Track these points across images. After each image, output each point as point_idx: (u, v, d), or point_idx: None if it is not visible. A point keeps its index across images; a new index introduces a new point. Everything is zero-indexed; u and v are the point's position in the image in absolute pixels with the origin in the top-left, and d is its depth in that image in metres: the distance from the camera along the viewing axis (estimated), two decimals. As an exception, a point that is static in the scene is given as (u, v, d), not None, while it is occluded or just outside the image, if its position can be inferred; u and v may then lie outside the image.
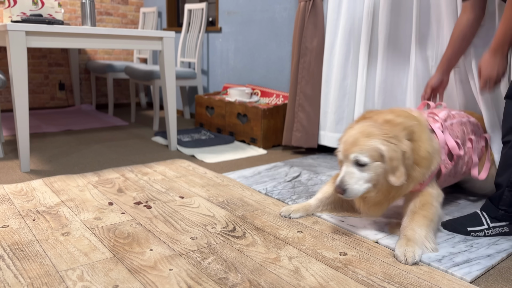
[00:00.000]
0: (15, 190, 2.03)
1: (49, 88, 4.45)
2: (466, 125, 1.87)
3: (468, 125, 1.88)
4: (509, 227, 1.64)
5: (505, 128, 1.62)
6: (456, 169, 1.79)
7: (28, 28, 2.25)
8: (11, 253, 1.41)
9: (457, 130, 1.79)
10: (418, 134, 1.54)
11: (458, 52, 1.95)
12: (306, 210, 1.80)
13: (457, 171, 1.81)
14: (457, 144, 1.73)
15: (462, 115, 1.91)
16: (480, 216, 1.66)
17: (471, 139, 1.84)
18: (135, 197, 1.98)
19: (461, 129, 1.82)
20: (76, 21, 4.51)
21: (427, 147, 1.53)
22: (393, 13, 2.36)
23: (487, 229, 1.63)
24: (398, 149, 1.46)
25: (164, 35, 2.71)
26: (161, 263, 1.38)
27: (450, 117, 1.83)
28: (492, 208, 1.65)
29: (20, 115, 2.29)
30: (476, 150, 1.86)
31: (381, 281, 1.30)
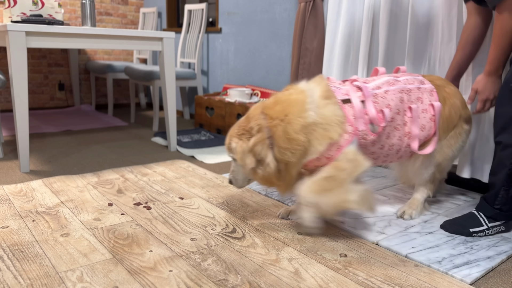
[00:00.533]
0: (15, 190, 2.03)
1: (48, 88, 4.45)
2: (411, 92, 1.71)
3: (413, 92, 1.71)
4: (505, 225, 1.67)
5: (496, 128, 1.62)
6: (390, 141, 1.67)
7: (28, 29, 2.24)
8: (11, 254, 1.41)
9: (391, 98, 1.65)
10: (289, 117, 1.51)
11: (468, 57, 1.92)
12: None
13: (393, 144, 1.68)
14: (382, 113, 1.61)
15: (411, 81, 1.75)
16: (478, 216, 1.67)
17: (411, 108, 1.68)
18: (134, 198, 1.98)
19: (399, 96, 1.67)
20: (76, 21, 4.51)
21: (294, 129, 1.50)
22: (393, 14, 2.36)
23: (487, 229, 1.64)
24: (245, 144, 1.56)
25: (164, 36, 2.71)
26: (160, 264, 1.37)
27: (389, 83, 1.70)
28: (487, 207, 1.66)
29: (19, 116, 2.29)
30: (417, 120, 1.68)
31: (381, 283, 1.30)
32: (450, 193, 2.15)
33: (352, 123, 1.57)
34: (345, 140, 1.54)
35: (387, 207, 1.92)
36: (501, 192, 1.61)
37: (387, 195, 2.10)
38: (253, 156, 1.54)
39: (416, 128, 1.68)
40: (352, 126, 1.56)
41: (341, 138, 1.53)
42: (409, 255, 1.48)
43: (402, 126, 1.68)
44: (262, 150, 1.53)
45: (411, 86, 1.73)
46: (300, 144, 1.51)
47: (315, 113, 1.52)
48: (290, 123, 1.51)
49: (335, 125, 1.53)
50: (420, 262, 1.44)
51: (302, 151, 1.52)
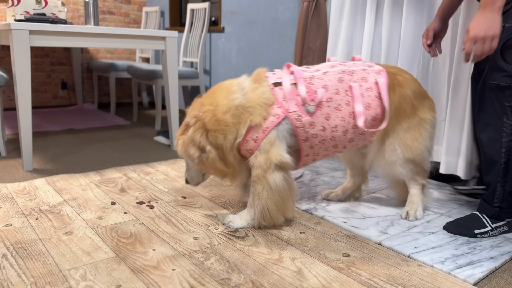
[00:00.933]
0: (18, 189, 2.03)
1: (51, 87, 4.45)
2: (354, 73, 1.68)
3: (357, 73, 1.68)
4: (509, 225, 1.67)
5: (480, 125, 1.62)
6: (332, 122, 1.64)
7: (31, 27, 2.25)
8: (14, 252, 1.42)
9: (328, 79, 1.64)
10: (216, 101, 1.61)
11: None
12: None
13: (336, 125, 1.64)
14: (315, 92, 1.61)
15: (359, 64, 1.73)
16: (480, 217, 1.66)
17: (350, 86, 1.65)
18: (137, 196, 1.98)
19: (338, 77, 1.65)
20: (79, 20, 4.51)
21: (221, 110, 1.59)
22: (396, 13, 2.36)
23: (491, 230, 1.64)
24: (185, 137, 1.64)
25: (167, 35, 2.71)
26: (164, 263, 1.38)
27: (331, 66, 1.70)
28: (487, 207, 1.66)
29: (23, 114, 2.29)
30: (359, 98, 1.64)
31: (384, 283, 1.30)
32: (453, 193, 2.15)
33: (281, 105, 1.59)
34: (272, 122, 1.58)
35: (389, 207, 1.92)
36: (498, 189, 1.61)
37: (389, 195, 2.10)
38: (194, 145, 1.62)
39: (359, 106, 1.64)
40: (282, 108, 1.59)
41: (265, 120, 1.58)
42: (412, 255, 1.48)
43: (345, 106, 1.65)
44: (201, 137, 1.61)
45: (356, 68, 1.70)
46: (228, 125, 1.58)
47: (241, 96, 1.60)
48: (217, 106, 1.60)
49: (260, 108, 1.58)
50: (423, 262, 1.44)
51: (232, 132, 1.59)
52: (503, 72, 1.50)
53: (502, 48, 1.50)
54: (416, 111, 1.71)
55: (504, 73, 1.50)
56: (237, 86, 1.63)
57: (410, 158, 1.71)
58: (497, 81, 1.52)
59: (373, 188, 2.19)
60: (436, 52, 1.92)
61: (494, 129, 1.56)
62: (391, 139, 1.71)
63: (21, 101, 2.28)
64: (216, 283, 1.27)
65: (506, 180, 1.59)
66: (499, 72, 1.51)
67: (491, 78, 1.54)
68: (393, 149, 1.72)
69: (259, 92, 1.60)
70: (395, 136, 1.71)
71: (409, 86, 1.71)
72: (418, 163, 1.74)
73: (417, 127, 1.71)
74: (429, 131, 1.73)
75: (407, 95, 1.70)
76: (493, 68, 1.53)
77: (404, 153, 1.71)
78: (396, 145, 1.71)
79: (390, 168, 1.75)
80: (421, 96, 1.73)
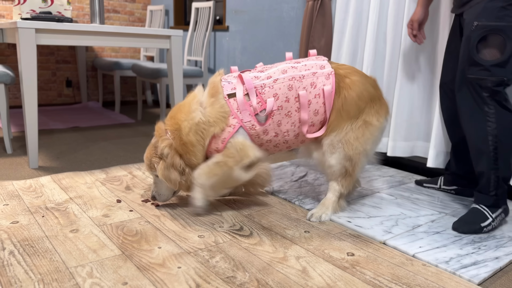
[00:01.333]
0: (24, 186, 2.05)
1: (56, 85, 4.47)
2: (304, 78, 1.71)
3: (306, 78, 1.71)
4: (505, 212, 1.74)
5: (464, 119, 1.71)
6: (284, 127, 1.72)
7: (38, 26, 2.26)
8: (21, 249, 1.43)
9: (278, 87, 1.69)
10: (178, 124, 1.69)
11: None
12: None
13: (287, 130, 1.73)
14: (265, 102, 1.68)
15: (310, 66, 1.75)
16: (481, 210, 1.71)
17: (299, 94, 1.70)
18: (143, 195, 1.99)
19: (287, 84, 1.69)
20: (84, 19, 4.53)
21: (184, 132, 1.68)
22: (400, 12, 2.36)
23: (493, 221, 1.69)
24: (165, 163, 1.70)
25: (172, 34, 2.72)
26: (169, 260, 1.39)
27: (282, 71, 1.73)
28: (485, 197, 1.71)
29: (29, 112, 2.31)
30: (305, 106, 1.70)
31: (388, 282, 1.31)
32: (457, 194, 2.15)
33: (236, 116, 1.69)
34: (228, 132, 1.69)
35: (394, 207, 1.93)
36: (492, 177, 1.68)
37: (394, 194, 2.10)
38: (175, 169, 1.69)
39: (304, 114, 1.71)
40: (237, 118, 1.68)
41: (223, 131, 1.68)
42: (417, 254, 1.48)
43: (294, 113, 1.72)
44: (180, 161, 1.70)
45: (306, 72, 1.73)
46: (194, 144, 1.68)
47: (201, 113, 1.69)
48: (181, 129, 1.68)
49: (219, 121, 1.68)
50: (428, 262, 1.44)
51: (200, 150, 1.70)
52: (480, 66, 1.63)
53: (477, 45, 1.63)
54: (362, 113, 1.73)
55: (481, 67, 1.63)
56: (196, 104, 1.72)
57: (349, 155, 1.73)
58: (475, 74, 1.64)
59: (377, 188, 2.19)
60: (422, 40, 2.10)
61: (478, 120, 1.66)
62: (334, 136, 1.74)
63: (27, 99, 2.29)
64: (222, 281, 1.28)
65: (497, 167, 1.66)
66: (476, 67, 1.64)
67: (468, 73, 1.66)
68: (333, 144, 1.73)
69: (217, 106, 1.70)
70: (339, 133, 1.73)
71: (356, 88, 1.73)
72: (353, 163, 1.74)
73: (361, 128, 1.73)
74: (372, 134, 1.75)
75: (352, 97, 1.72)
76: (470, 63, 1.65)
77: (345, 148, 1.72)
78: (338, 140, 1.73)
79: (323, 158, 1.77)
80: (370, 98, 1.74)
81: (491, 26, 1.59)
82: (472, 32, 1.64)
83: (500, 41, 1.59)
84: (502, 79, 1.60)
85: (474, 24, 1.63)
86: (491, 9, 1.60)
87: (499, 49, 1.60)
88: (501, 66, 1.60)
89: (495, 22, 1.59)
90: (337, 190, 1.80)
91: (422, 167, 2.49)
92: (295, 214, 1.82)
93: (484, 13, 1.62)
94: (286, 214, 1.82)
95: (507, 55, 1.58)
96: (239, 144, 1.68)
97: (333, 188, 1.80)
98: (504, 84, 1.62)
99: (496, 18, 1.59)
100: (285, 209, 1.87)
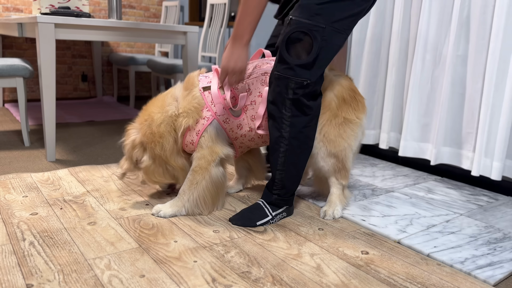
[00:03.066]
0: (42, 178, 2.09)
1: (72, 79, 4.53)
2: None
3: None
4: (287, 211, 1.75)
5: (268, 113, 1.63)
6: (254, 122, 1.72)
7: (57, 21, 2.29)
8: (41, 240, 1.46)
9: (251, 82, 1.71)
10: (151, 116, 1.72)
11: None
12: None
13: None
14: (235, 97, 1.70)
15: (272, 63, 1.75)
16: (263, 206, 1.69)
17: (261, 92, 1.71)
18: (158, 189, 2.01)
19: (260, 79, 1.70)
20: (100, 14, 4.57)
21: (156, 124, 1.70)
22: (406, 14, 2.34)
23: (272, 219, 1.68)
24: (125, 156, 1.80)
25: (189, 30, 2.74)
26: (185, 254, 1.41)
27: (256, 67, 1.73)
28: (268, 194, 1.70)
29: (47, 105, 2.34)
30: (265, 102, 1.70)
31: (403, 281, 1.31)
32: (472, 193, 2.14)
33: (210, 108, 1.69)
34: (202, 124, 1.69)
35: (408, 206, 1.92)
36: (277, 177, 1.66)
37: (408, 194, 2.09)
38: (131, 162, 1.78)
39: (262, 109, 1.69)
40: (211, 111, 1.69)
41: (197, 124, 1.69)
42: (431, 254, 1.48)
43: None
44: (137, 152, 1.75)
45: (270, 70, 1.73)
46: (163, 135, 1.70)
47: (174, 106, 1.71)
48: (153, 120, 1.71)
49: (191, 112, 1.69)
50: (443, 262, 1.44)
51: (168, 141, 1.71)
52: (286, 64, 1.53)
53: (287, 41, 1.52)
54: (340, 111, 1.73)
55: (287, 65, 1.53)
56: (171, 97, 1.74)
57: (332, 152, 1.73)
58: (280, 72, 1.55)
59: (391, 187, 2.18)
60: None
61: (275, 119, 1.60)
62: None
63: (45, 93, 2.33)
64: (237, 276, 1.29)
65: (284, 169, 1.64)
66: (283, 64, 1.54)
67: (275, 69, 1.57)
68: (316, 144, 1.74)
69: (190, 97, 1.71)
70: (319, 132, 1.73)
71: (331, 86, 1.74)
72: (341, 159, 1.75)
73: (341, 125, 1.73)
74: (354, 131, 1.76)
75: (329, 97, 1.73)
76: (278, 59, 1.56)
77: (327, 146, 1.73)
78: (319, 140, 1.73)
79: (312, 160, 1.78)
80: (345, 96, 1.74)
81: (303, 24, 1.49)
82: (286, 26, 1.53)
83: (308, 42, 1.50)
84: (304, 82, 1.53)
85: (289, 18, 1.53)
86: (308, 6, 1.50)
87: (307, 49, 1.51)
88: (306, 68, 1.52)
89: (307, 20, 1.49)
90: (338, 183, 1.81)
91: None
92: (309, 212, 1.83)
93: (302, 9, 1.51)
94: (299, 211, 1.83)
95: (312, 57, 1.51)
96: (208, 141, 1.69)
97: (334, 183, 1.82)
98: (305, 87, 1.54)
99: (310, 16, 1.49)
100: (299, 206, 1.88)
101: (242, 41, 1.53)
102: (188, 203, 1.71)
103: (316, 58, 1.52)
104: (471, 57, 2.16)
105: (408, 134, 2.42)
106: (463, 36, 2.18)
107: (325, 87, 1.73)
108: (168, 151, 1.72)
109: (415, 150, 2.42)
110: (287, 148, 1.62)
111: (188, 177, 1.72)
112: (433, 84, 2.33)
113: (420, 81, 2.36)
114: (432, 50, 2.30)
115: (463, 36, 2.18)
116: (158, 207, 1.73)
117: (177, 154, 1.75)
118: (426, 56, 2.32)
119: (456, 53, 2.20)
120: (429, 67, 2.33)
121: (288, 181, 1.67)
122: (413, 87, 2.37)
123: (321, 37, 1.50)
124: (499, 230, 1.71)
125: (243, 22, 1.50)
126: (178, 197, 1.73)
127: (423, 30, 2.30)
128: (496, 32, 2.01)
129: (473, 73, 2.16)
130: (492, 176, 2.06)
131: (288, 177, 1.66)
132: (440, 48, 2.28)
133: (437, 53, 2.29)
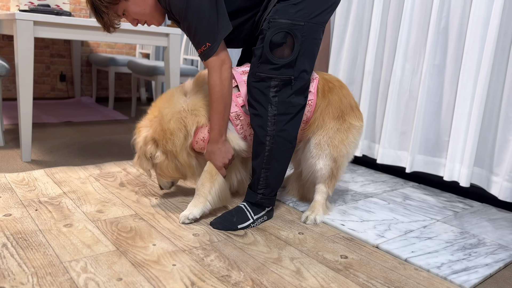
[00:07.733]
0: (17, 179, 2.03)
1: (50, 78, 4.44)
2: None
3: None
4: (268, 214, 1.76)
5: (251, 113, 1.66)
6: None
7: (36, 18, 2.24)
8: (15, 242, 1.42)
9: None
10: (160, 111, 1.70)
11: None
12: None
13: None
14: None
15: None
16: (245, 210, 1.70)
17: None
18: (137, 192, 1.98)
19: None
20: (80, 13, 4.50)
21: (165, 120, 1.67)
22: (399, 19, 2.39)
23: (253, 222, 1.70)
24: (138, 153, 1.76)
25: (171, 32, 2.72)
26: (164, 258, 1.39)
27: None
28: (252, 194, 1.72)
29: (24, 105, 2.29)
30: None
31: (381, 285, 1.32)
32: (448, 200, 2.18)
33: None
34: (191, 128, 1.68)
35: (386, 212, 1.95)
36: (262, 175, 1.68)
37: (386, 199, 2.12)
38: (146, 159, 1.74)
39: None
40: None
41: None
42: (409, 259, 1.50)
43: None
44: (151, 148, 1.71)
45: None
46: (173, 132, 1.67)
47: (183, 102, 1.70)
48: (162, 116, 1.68)
49: (203, 109, 1.68)
50: (420, 267, 1.46)
51: (179, 138, 1.68)
52: (271, 65, 1.58)
53: (270, 42, 1.57)
54: (345, 116, 1.80)
55: (272, 66, 1.58)
56: (180, 92, 1.73)
57: (334, 157, 1.78)
58: (264, 72, 1.59)
59: (370, 193, 2.21)
60: None
61: (261, 117, 1.63)
62: (320, 136, 1.78)
63: (22, 92, 2.27)
64: (216, 279, 1.28)
65: (269, 167, 1.66)
66: (267, 65, 1.58)
67: (259, 70, 1.60)
68: (320, 144, 1.78)
69: (201, 95, 1.70)
70: (325, 134, 1.78)
71: (338, 92, 1.80)
72: (338, 165, 1.80)
73: (347, 131, 1.79)
74: (354, 137, 1.81)
75: (335, 100, 1.79)
76: (263, 60, 1.59)
77: (331, 149, 1.77)
78: (324, 141, 1.77)
79: (312, 160, 1.80)
80: (349, 103, 1.82)
81: (283, 24, 1.55)
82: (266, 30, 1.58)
83: (290, 40, 1.56)
84: (288, 79, 1.59)
85: (269, 20, 1.58)
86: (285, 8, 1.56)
87: (289, 48, 1.56)
88: (290, 66, 1.57)
89: (287, 20, 1.55)
90: (325, 192, 1.84)
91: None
92: (290, 216, 1.83)
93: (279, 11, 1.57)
94: (280, 215, 1.83)
95: (295, 54, 1.56)
96: None
97: (321, 191, 1.83)
98: (289, 84, 1.60)
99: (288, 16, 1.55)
100: (280, 210, 1.88)
101: (221, 139, 1.66)
102: (210, 195, 1.69)
103: (298, 55, 1.57)
104: (448, 67, 2.21)
105: (386, 142, 2.46)
106: (439, 46, 2.23)
107: (325, 93, 1.78)
108: (179, 147, 1.70)
109: (393, 158, 2.46)
110: (272, 146, 1.63)
111: (206, 169, 1.69)
112: (412, 92, 2.38)
113: (399, 90, 2.40)
114: (411, 59, 2.35)
115: (439, 45, 2.23)
116: (183, 214, 1.68)
117: (185, 150, 1.72)
118: (405, 65, 2.37)
119: (433, 62, 2.25)
120: (408, 76, 2.37)
121: (272, 180, 1.68)
122: (392, 95, 2.41)
123: (301, 34, 1.56)
124: (474, 236, 1.75)
125: (221, 127, 1.63)
126: (197, 194, 1.70)
127: (403, 39, 2.34)
128: (472, 44, 2.07)
129: (450, 83, 2.21)
130: (461, 183, 2.12)
131: (272, 175, 1.67)
132: (418, 57, 2.33)
133: (416, 62, 2.34)
